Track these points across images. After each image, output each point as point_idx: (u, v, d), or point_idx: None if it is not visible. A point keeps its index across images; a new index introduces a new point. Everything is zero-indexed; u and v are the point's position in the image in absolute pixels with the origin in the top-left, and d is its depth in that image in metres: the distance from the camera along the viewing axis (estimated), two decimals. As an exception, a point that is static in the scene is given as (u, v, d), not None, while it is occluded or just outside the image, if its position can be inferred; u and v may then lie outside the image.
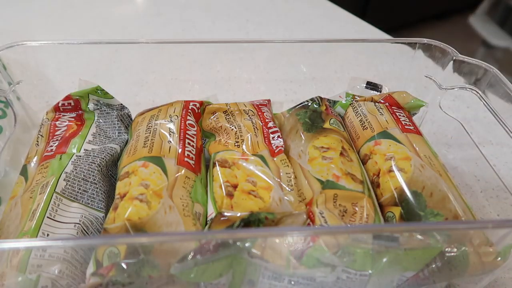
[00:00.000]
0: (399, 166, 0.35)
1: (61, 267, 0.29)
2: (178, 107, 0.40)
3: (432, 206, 0.32)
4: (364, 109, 0.42)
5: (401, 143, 0.37)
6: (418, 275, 0.30)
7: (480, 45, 1.40)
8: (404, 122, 0.40)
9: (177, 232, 0.30)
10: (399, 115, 0.41)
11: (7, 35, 0.66)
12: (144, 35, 0.71)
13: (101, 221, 0.33)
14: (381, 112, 0.42)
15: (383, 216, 0.34)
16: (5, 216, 0.33)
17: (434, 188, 0.33)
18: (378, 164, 0.37)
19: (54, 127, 0.40)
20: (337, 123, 0.40)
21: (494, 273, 0.31)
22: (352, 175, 0.34)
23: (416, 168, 0.35)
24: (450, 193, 0.33)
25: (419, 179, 0.34)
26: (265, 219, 0.30)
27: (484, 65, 0.40)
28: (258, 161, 0.36)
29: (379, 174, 0.36)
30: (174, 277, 0.28)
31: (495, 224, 0.29)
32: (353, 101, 0.44)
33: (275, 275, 0.29)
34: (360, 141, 0.40)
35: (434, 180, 0.34)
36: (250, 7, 0.80)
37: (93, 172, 0.35)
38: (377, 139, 0.38)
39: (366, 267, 0.29)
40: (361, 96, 0.45)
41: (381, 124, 0.40)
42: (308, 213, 0.32)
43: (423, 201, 0.33)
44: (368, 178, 0.36)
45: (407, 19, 1.89)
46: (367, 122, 0.41)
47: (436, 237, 0.28)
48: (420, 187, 0.34)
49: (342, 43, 0.48)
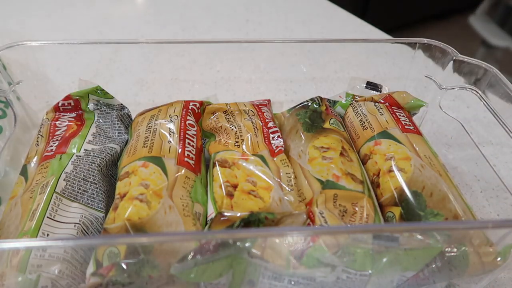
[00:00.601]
0: (399, 166, 0.35)
1: (61, 267, 0.29)
2: (178, 107, 0.40)
3: (432, 206, 0.32)
4: (364, 109, 0.42)
5: (401, 143, 0.37)
6: (418, 275, 0.30)
7: (480, 45, 1.40)
8: (404, 122, 0.40)
9: (177, 232, 0.30)
10: (399, 115, 0.41)
11: (7, 35, 0.66)
12: (144, 35, 0.71)
13: (101, 221, 0.33)
14: (381, 112, 0.42)
15: (383, 216, 0.34)
16: (5, 216, 0.33)
17: (434, 188, 0.33)
18: (378, 164, 0.37)
19: (54, 127, 0.40)
20: (337, 123, 0.40)
21: (494, 273, 0.31)
22: (352, 175, 0.34)
23: (416, 168, 0.35)
24: (450, 193, 0.33)
25: (419, 179, 0.34)
26: (265, 219, 0.30)
27: (484, 65, 0.40)
28: (258, 161, 0.36)
29: (379, 174, 0.36)
30: (174, 277, 0.28)
31: (495, 224, 0.29)
32: (353, 101, 0.44)
33: (275, 275, 0.29)
34: (360, 141, 0.40)
35: (434, 180, 0.34)
36: (250, 7, 0.80)
37: (93, 172, 0.35)
38: (377, 139, 0.38)
39: (366, 267, 0.29)
40: (361, 96, 0.45)
41: (381, 124, 0.40)
42: (308, 213, 0.32)
43: (423, 201, 0.33)
44: (368, 178, 0.36)
45: (407, 19, 1.89)
46: (367, 122, 0.41)
47: (436, 237, 0.28)
48: (420, 187, 0.33)
49: (342, 43, 0.48)
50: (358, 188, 0.33)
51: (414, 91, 0.44)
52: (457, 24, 1.82)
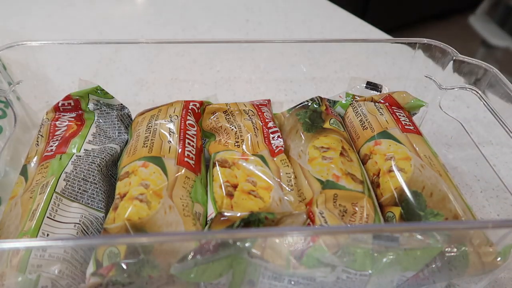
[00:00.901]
0: (399, 166, 0.35)
1: (61, 267, 0.29)
2: (178, 107, 0.40)
3: (432, 206, 0.32)
4: (364, 109, 0.42)
5: (401, 143, 0.37)
6: (418, 275, 0.30)
7: (480, 45, 1.40)
8: (404, 122, 0.40)
9: (177, 232, 0.30)
10: (399, 115, 0.41)
11: (7, 35, 0.66)
12: (144, 35, 0.71)
13: (101, 221, 0.33)
14: (381, 112, 0.42)
15: (383, 216, 0.34)
16: (5, 216, 0.33)
17: (434, 188, 0.33)
18: (378, 164, 0.37)
19: (54, 127, 0.40)
20: (337, 123, 0.40)
21: (494, 273, 0.31)
22: (352, 175, 0.34)
23: (416, 168, 0.35)
24: (450, 193, 0.33)
25: (419, 179, 0.34)
26: (265, 219, 0.30)
27: (484, 65, 0.40)
28: (258, 161, 0.36)
29: (379, 174, 0.36)
30: (174, 277, 0.28)
31: (495, 224, 0.29)
32: (353, 101, 0.44)
33: (275, 275, 0.29)
34: (360, 141, 0.40)
35: (434, 180, 0.34)
36: (250, 7, 0.80)
37: (93, 172, 0.35)
38: (377, 139, 0.38)
39: (366, 267, 0.29)
40: (361, 96, 0.45)
41: (381, 124, 0.40)
42: (308, 213, 0.32)
43: (423, 201, 0.33)
44: (368, 178, 0.36)
45: (407, 19, 1.89)
46: (367, 122, 0.41)
47: (436, 237, 0.28)
48: (420, 187, 0.33)
49: (342, 43, 0.48)
50: (358, 188, 0.33)
51: (414, 91, 0.44)
52: (457, 24, 1.82)
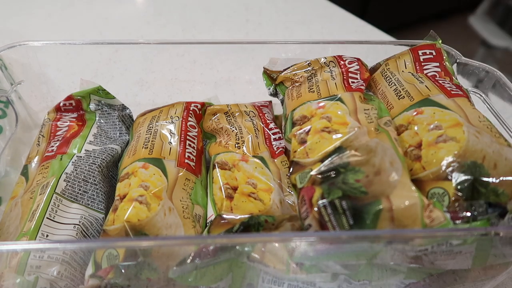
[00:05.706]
0: (449, 135, 0.30)
1: (60, 269, 0.29)
2: (179, 108, 0.40)
3: (497, 182, 0.27)
4: (400, 77, 0.38)
5: (449, 109, 0.32)
6: (420, 282, 0.30)
7: (480, 45, 1.40)
8: (449, 88, 0.35)
9: (176, 237, 0.29)
10: (443, 83, 0.36)
11: (8, 35, 0.66)
12: (144, 35, 0.71)
13: (101, 222, 0.33)
14: (420, 80, 0.37)
15: (425, 194, 0.29)
16: (5, 216, 0.33)
17: (498, 157, 0.28)
18: (419, 135, 0.32)
19: (55, 127, 0.40)
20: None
21: (497, 279, 0.30)
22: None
23: (471, 135, 0.29)
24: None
25: (477, 148, 0.28)
26: (265, 223, 0.30)
27: (487, 68, 0.40)
28: (258, 163, 0.35)
29: (420, 146, 0.31)
30: (173, 280, 0.28)
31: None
32: (385, 69, 0.40)
33: (275, 279, 0.29)
34: (394, 111, 0.35)
35: (496, 147, 0.28)
36: (250, 7, 0.80)
37: (93, 173, 0.35)
38: (418, 108, 0.34)
39: (368, 276, 0.28)
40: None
41: (421, 92, 0.35)
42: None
43: (485, 174, 0.27)
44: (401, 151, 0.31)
45: (407, 19, 1.89)
46: (404, 91, 0.36)
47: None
48: (479, 157, 0.28)
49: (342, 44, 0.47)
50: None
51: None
52: (457, 24, 1.82)
